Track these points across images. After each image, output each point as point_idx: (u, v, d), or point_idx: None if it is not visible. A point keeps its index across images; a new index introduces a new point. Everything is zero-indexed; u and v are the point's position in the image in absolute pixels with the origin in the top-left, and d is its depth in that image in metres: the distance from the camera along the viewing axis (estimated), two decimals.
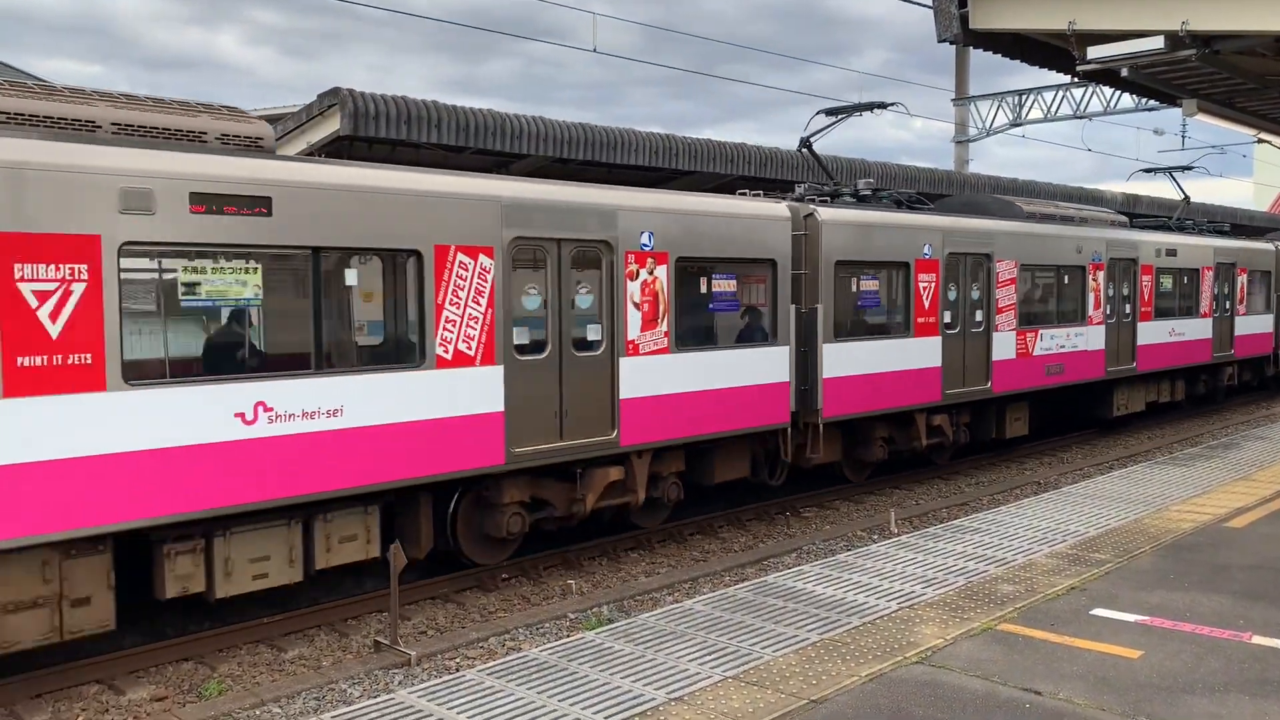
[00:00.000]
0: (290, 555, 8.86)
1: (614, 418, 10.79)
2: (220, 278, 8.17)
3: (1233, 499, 11.16)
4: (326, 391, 8.64)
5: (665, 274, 11.20)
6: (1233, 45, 11.26)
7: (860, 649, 6.64)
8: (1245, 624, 7.08)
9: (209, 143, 8.45)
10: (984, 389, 15.77)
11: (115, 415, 7.53)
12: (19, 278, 7.09)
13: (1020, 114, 28.70)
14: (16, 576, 7.36)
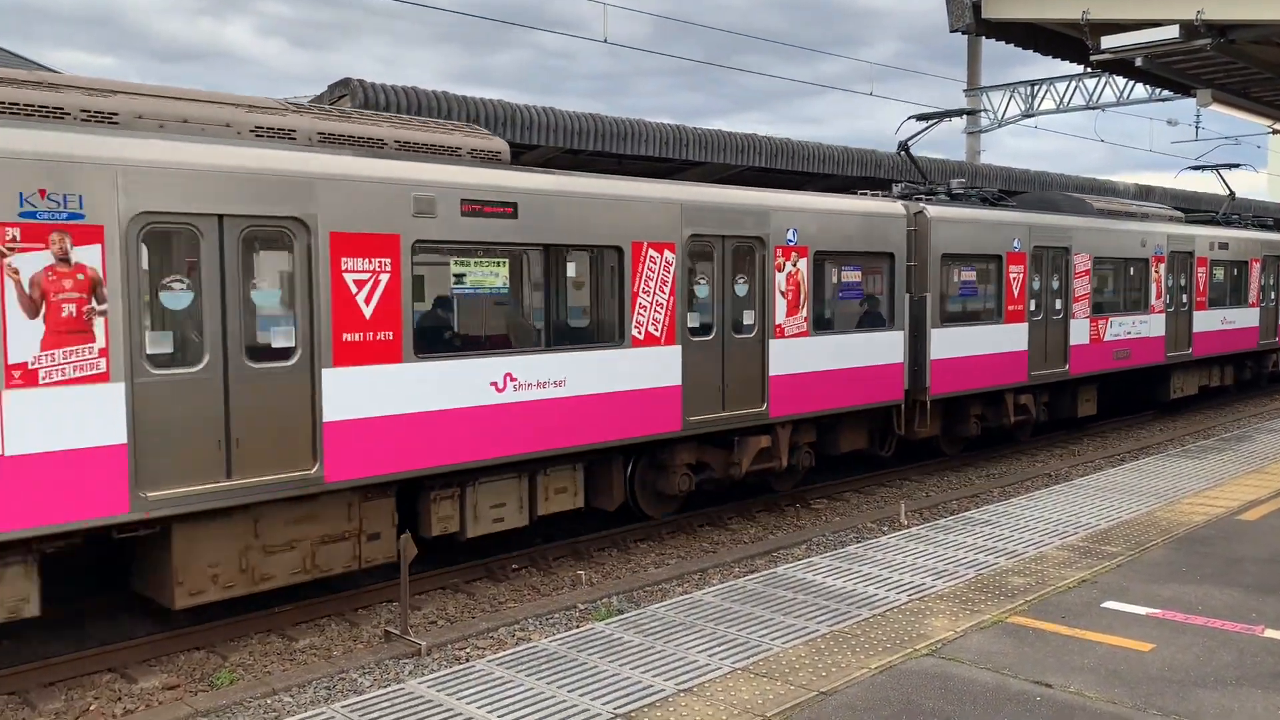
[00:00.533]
0: (520, 503, 10.48)
1: (764, 392, 12.36)
2: (480, 269, 9.98)
3: (1245, 491, 11.11)
4: (555, 365, 10.31)
5: (806, 266, 12.76)
6: (1249, 34, 11.15)
7: (870, 641, 6.63)
8: (1258, 617, 7.04)
9: (463, 156, 10.10)
10: (1062, 371, 17.30)
11: (408, 382, 9.19)
12: (344, 269, 8.71)
13: (1033, 105, 28.56)
14: (330, 515, 9.01)
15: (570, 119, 15.13)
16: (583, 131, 15.21)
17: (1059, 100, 28.14)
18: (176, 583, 8.16)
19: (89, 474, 7.45)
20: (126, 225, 7.56)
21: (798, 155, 18.28)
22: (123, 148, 7.57)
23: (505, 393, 9.89)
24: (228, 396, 8.11)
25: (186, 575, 8.19)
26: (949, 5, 11.95)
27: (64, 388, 7.31)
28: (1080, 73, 26.97)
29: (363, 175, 8.83)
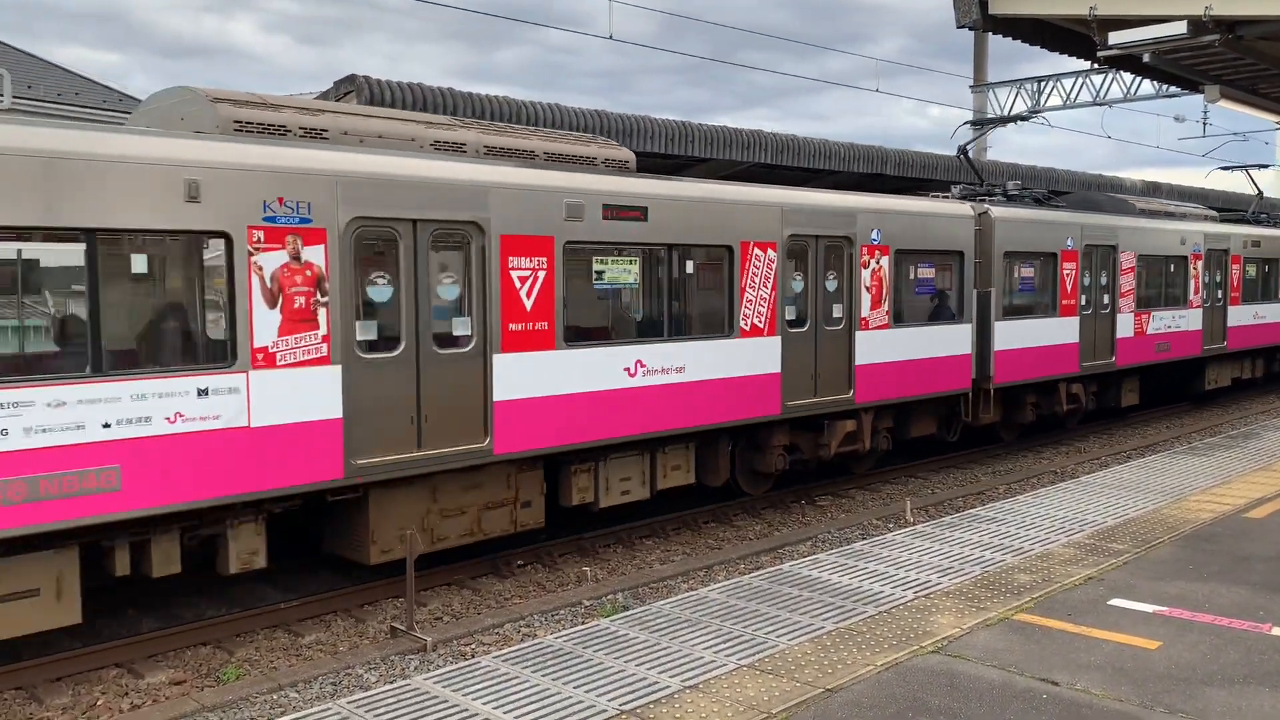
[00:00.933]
0: (643, 479, 11.63)
1: (850, 380, 13.47)
2: (616, 267, 11.04)
3: (1253, 489, 11.07)
4: (676, 353, 11.43)
5: (887, 263, 13.82)
6: (1257, 30, 11.10)
7: (876, 638, 6.62)
8: (1265, 615, 7.02)
9: (598, 166, 11.23)
10: (1109, 363, 18.35)
11: (558, 368, 10.30)
12: (511, 268, 9.87)
13: (1039, 101, 28.46)
14: (492, 484, 10.21)
15: (575, 115, 15.12)
16: (588, 127, 15.19)
17: (1066, 96, 28.02)
18: (371, 541, 9.36)
19: (313, 444, 8.65)
20: (343, 228, 8.73)
21: (804, 151, 18.25)
22: (341, 161, 8.74)
23: (635, 378, 11.04)
24: (419, 378, 9.32)
25: (380, 535, 9.41)
26: (955, 1, 11.91)
27: (295, 369, 8.48)
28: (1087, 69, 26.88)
29: (525, 184, 10.02)
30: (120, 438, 7.60)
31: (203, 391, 8.00)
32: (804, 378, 12.84)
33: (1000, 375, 15.85)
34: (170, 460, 7.85)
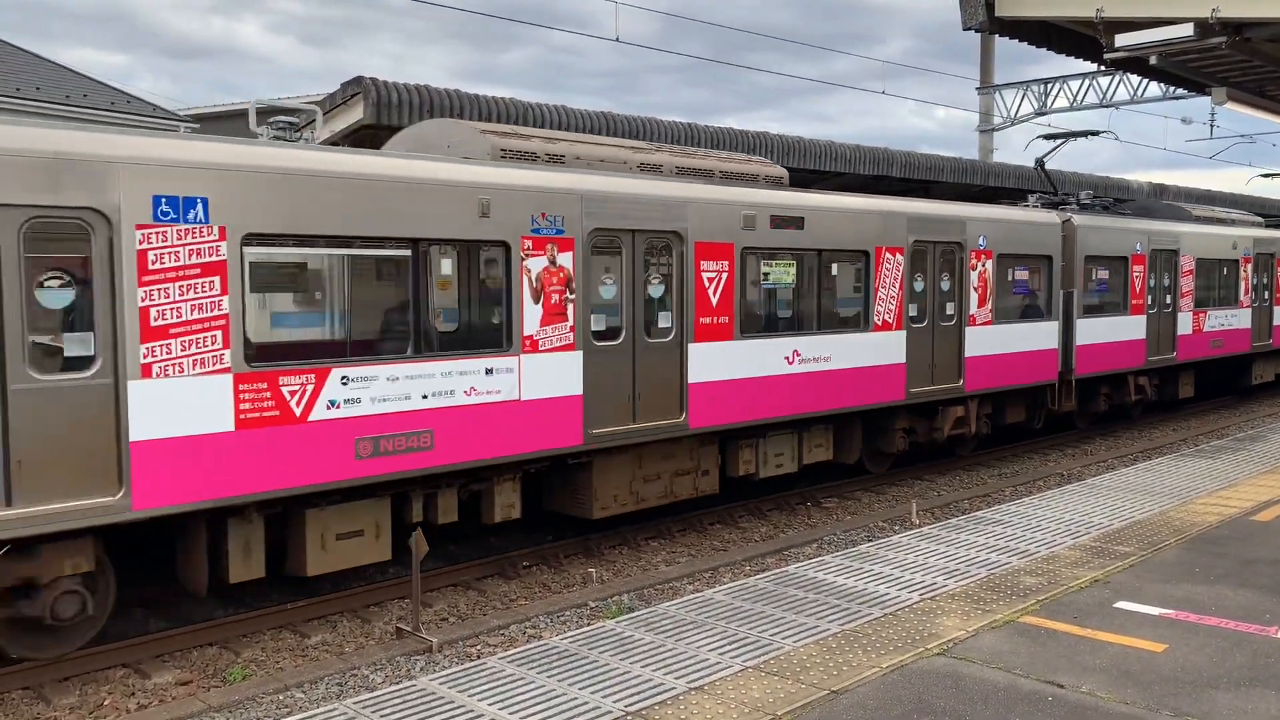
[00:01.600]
0: (793, 454, 13.35)
1: (960, 370, 15.13)
2: (779, 269, 12.65)
3: (1259, 492, 11.05)
4: (824, 344, 13.09)
5: (991, 266, 15.49)
6: (1265, 32, 11.07)
7: (881, 640, 6.62)
8: (1272, 618, 7.01)
9: (760, 181, 12.88)
10: (1170, 357, 19.99)
11: (735, 356, 11.98)
12: (703, 270, 11.59)
13: (1046, 103, 28.43)
14: (681, 454, 11.95)
15: (580, 116, 15.14)
16: (594, 129, 15.21)
17: (1072, 98, 28.01)
18: (595, 499, 11.09)
19: (563, 415, 10.42)
20: (585, 237, 10.47)
21: (809, 153, 18.25)
22: (584, 182, 10.52)
23: (793, 365, 12.72)
24: (635, 363, 11.04)
25: (600, 495, 11.19)
26: (962, 3, 11.90)
27: (552, 354, 10.29)
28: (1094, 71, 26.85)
29: (713, 199, 11.73)
30: (433, 407, 9.45)
31: (489, 371, 9.86)
32: (923, 368, 14.54)
33: (1080, 367, 17.53)
34: (467, 425, 9.68)
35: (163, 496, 7.89)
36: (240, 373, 8.24)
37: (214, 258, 8.11)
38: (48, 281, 7.39)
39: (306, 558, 9.01)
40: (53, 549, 7.64)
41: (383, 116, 13.13)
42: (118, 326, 7.63)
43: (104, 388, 7.59)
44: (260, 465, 8.39)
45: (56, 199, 7.33)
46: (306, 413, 8.64)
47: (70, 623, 7.86)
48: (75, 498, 7.42)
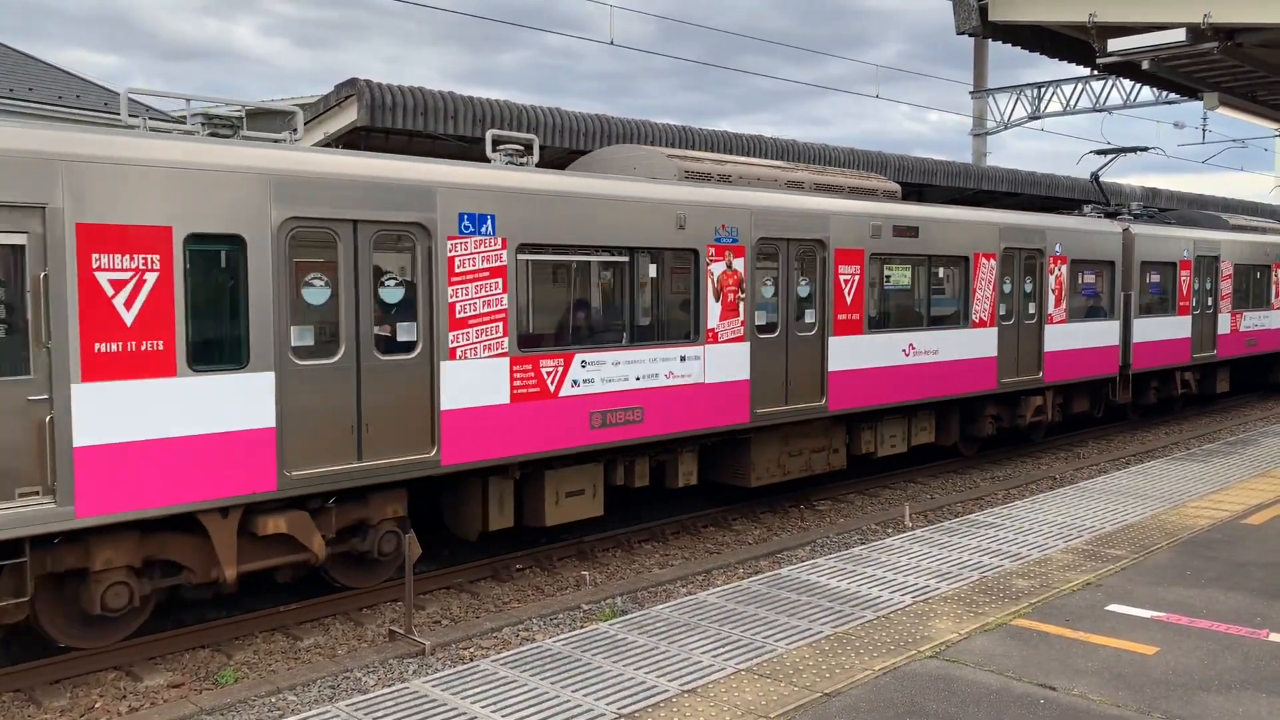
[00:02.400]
0: (903, 436, 15.01)
1: (1040, 363, 16.89)
2: (898, 272, 14.42)
3: (1251, 495, 11.08)
4: (933, 339, 14.79)
5: (1065, 271, 17.29)
6: (1256, 38, 11.13)
7: (874, 643, 6.63)
8: (1263, 621, 7.03)
9: (878, 195, 14.48)
10: (1212, 355, 21.87)
11: (863, 348, 13.71)
12: (840, 273, 13.27)
13: (1039, 107, 28.50)
14: (817, 433, 13.65)
15: (576, 119, 15.14)
16: (589, 132, 15.22)
17: (1065, 102, 28.08)
18: (753, 471, 12.83)
19: (735, 397, 12.14)
20: (754, 245, 12.21)
21: (803, 156, 18.28)
22: (753, 199, 12.30)
23: (909, 357, 14.43)
24: (788, 353, 12.77)
25: (757, 467, 12.84)
26: (955, 7, 11.94)
27: (728, 344, 12.00)
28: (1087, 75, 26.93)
29: (849, 211, 13.42)
30: (643, 387, 11.22)
31: (682, 358, 11.58)
32: (1011, 361, 16.31)
33: (1137, 363, 19.39)
34: (666, 403, 11.43)
35: (462, 455, 9.74)
36: (514, 356, 10.12)
37: (498, 263, 9.98)
38: (386, 280, 9.24)
39: (545, 510, 10.77)
40: (379, 496, 9.46)
41: (377, 119, 13.12)
42: (434, 317, 9.46)
43: (423, 367, 9.42)
44: (526, 431, 10.26)
45: (396, 215, 9.16)
46: (557, 390, 10.50)
47: (388, 557, 9.68)
48: (401, 454, 9.23)
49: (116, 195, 7.66)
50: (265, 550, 8.78)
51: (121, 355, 7.73)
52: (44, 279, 7.34)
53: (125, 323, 7.74)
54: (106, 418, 7.61)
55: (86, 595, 7.95)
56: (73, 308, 7.45)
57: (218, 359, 8.25)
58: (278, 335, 8.45)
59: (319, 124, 13.97)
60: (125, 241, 7.71)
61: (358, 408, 8.92)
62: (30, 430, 7.32)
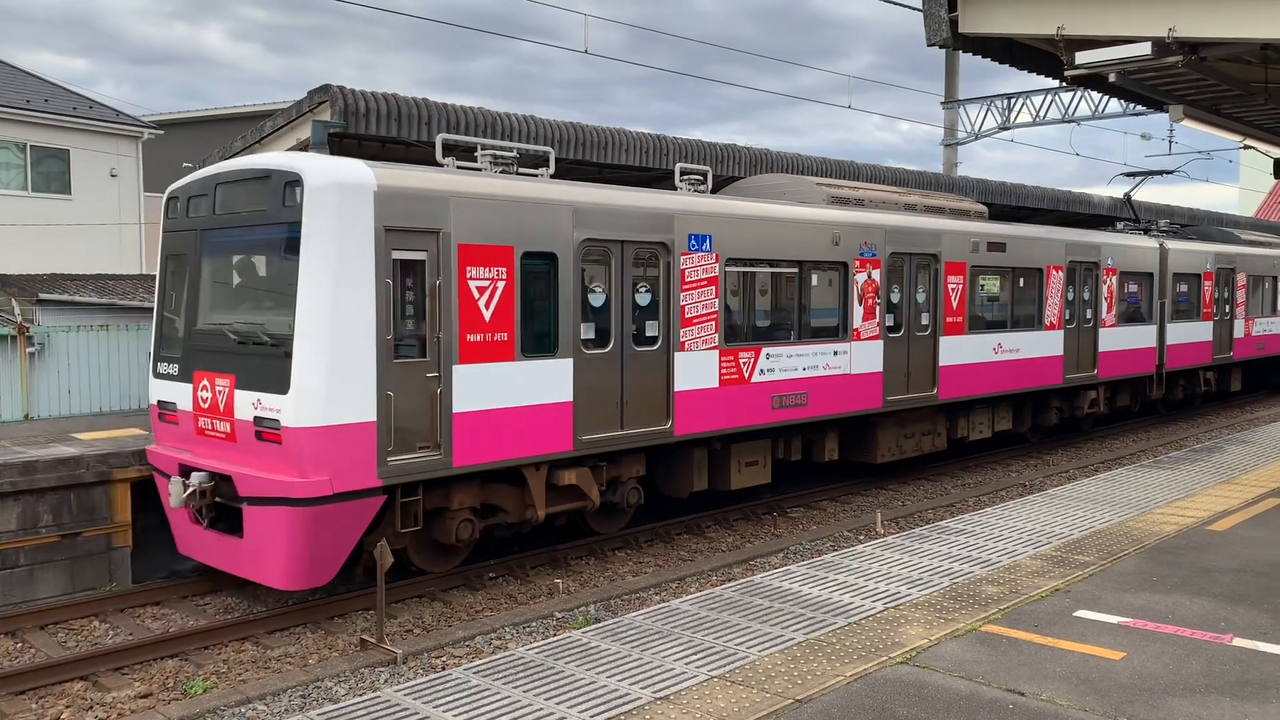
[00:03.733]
0: (989, 424, 17.68)
1: (1095, 362, 19.62)
2: (990, 281, 17.06)
3: (1216, 502, 11.24)
4: (1015, 340, 17.49)
5: (1115, 281, 20.07)
6: (1219, 52, 11.31)
7: (845, 649, 6.67)
8: (1227, 626, 7.13)
9: (970, 215, 17.20)
10: (1229, 356, 24.75)
11: (963, 346, 16.28)
12: (949, 282, 15.97)
13: (1009, 117, 28.79)
14: (924, 419, 16.12)
15: (550, 127, 15.15)
16: (563, 140, 15.23)
17: (1035, 113, 28.39)
18: (878, 449, 15.24)
19: (871, 386, 14.67)
20: (887, 259, 14.71)
21: (777, 165, 18.38)
22: (884, 219, 14.89)
23: (998, 355, 17.00)
24: (909, 350, 15.29)
25: (881, 446, 15.30)
26: (926, 19, 12.06)
27: (867, 341, 14.49)
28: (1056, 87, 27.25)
29: (957, 230, 16.16)
30: (807, 376, 13.62)
31: (835, 353, 14.03)
32: (1073, 360, 18.89)
33: (1170, 363, 22.06)
34: (824, 390, 13.87)
35: (687, 427, 12.08)
36: (722, 349, 12.50)
37: (713, 273, 12.40)
38: (639, 288, 11.61)
39: (730, 477, 13.05)
40: (629, 458, 11.90)
41: (350, 125, 13.08)
42: (670, 317, 11.83)
43: (662, 356, 11.82)
44: (729, 410, 12.58)
45: (649, 237, 11.64)
46: (750, 376, 12.85)
47: (630, 508, 12.20)
48: (646, 426, 11.60)
49: (481, 222, 10.01)
50: (559, 498, 11.14)
51: (482, 344, 10.05)
52: (438, 286, 9.65)
53: (485, 319, 10.05)
54: (472, 391, 9.93)
55: (443, 529, 10.30)
56: (454, 307, 9.76)
57: (538, 348, 10.60)
58: (574, 330, 10.85)
59: (291, 130, 13.90)
60: (486, 257, 10.07)
61: (621, 388, 11.37)
62: (426, 400, 9.59)
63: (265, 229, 9.52)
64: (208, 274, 10.25)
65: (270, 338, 9.23)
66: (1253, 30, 10.32)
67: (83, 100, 25.71)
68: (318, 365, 8.85)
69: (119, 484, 10.95)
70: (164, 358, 10.55)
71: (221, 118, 33.98)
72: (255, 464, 9.23)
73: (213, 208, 10.18)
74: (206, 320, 10.12)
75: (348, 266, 9.02)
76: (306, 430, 8.82)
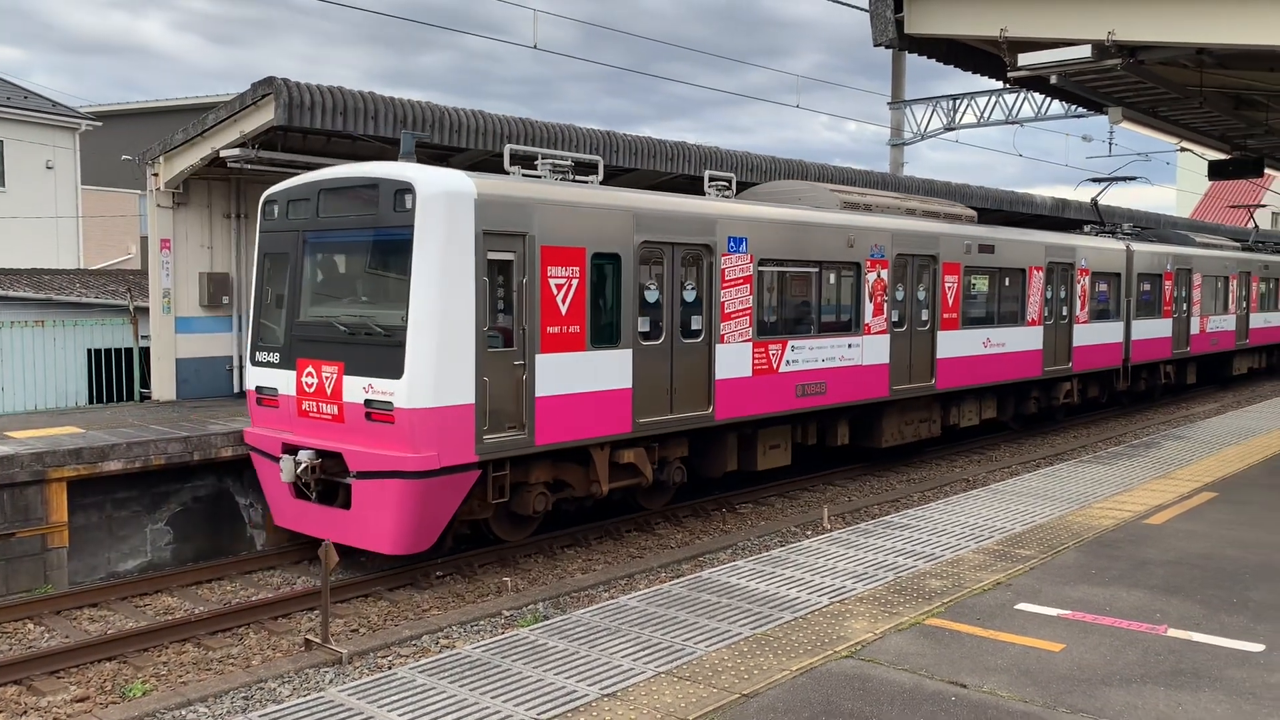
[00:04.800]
0: (977, 413, 18.83)
1: (1070, 355, 21.07)
2: (980, 281, 18.25)
3: (1152, 496, 11.50)
4: (1002, 335, 18.69)
5: (1088, 281, 21.57)
6: (1156, 55, 11.57)
7: (791, 643, 6.72)
8: (1162, 617, 7.30)
9: (961, 220, 18.35)
10: (1186, 351, 26.20)
11: (955, 340, 17.52)
12: (944, 281, 17.01)
13: (954, 118, 29.19)
14: (922, 408, 17.27)
15: (500, 122, 15.07)
16: (513, 135, 15.15)
17: (979, 115, 28.80)
18: (883, 435, 16.32)
19: (880, 377, 15.80)
20: (893, 260, 15.96)
21: (726, 163, 18.45)
22: (892, 224, 16.07)
23: (987, 348, 18.28)
24: (911, 343, 16.53)
25: (885, 432, 16.39)
26: (873, 20, 12.18)
27: (875, 335, 15.68)
28: (1000, 88, 27.67)
29: (951, 233, 17.32)
30: (826, 367, 14.78)
31: (850, 345, 15.19)
32: (1051, 353, 20.26)
33: (1135, 357, 23.57)
34: (840, 379, 15.05)
35: (726, 412, 13.16)
36: (755, 341, 13.60)
37: (748, 272, 13.47)
38: (686, 285, 12.67)
39: (758, 459, 14.14)
40: (675, 441, 13.01)
41: (295, 118, 12.90)
42: (711, 313, 12.92)
43: (705, 348, 12.89)
44: (760, 397, 13.69)
45: (695, 239, 12.66)
46: (778, 366, 13.98)
47: (672, 485, 13.27)
48: (691, 411, 12.71)
49: (560, 226, 11.03)
50: (619, 475, 12.24)
51: (559, 336, 11.09)
52: (524, 283, 10.68)
53: (561, 313, 11.08)
54: (551, 378, 10.97)
55: (521, 501, 11.25)
56: (537, 303, 10.79)
57: (604, 339, 11.66)
58: (633, 324, 11.94)
59: (234, 123, 13.68)
60: (563, 258, 11.08)
61: (670, 376, 12.45)
62: (514, 385, 10.62)
63: (376, 231, 10.51)
64: (310, 271, 11.16)
65: (382, 329, 10.23)
66: (1188, 34, 10.57)
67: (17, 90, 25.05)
68: (429, 353, 9.89)
69: (54, 483, 10.71)
70: (263, 347, 11.42)
71: (163, 110, 33.31)
72: (365, 442, 10.23)
73: (315, 211, 11.06)
74: (310, 313, 11.04)
75: (453, 266, 10.03)
76: (419, 411, 9.86)
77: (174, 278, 15.32)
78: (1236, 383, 32.10)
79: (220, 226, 15.82)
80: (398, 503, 9.92)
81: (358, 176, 10.72)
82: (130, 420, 13.13)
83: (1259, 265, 31.23)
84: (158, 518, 11.86)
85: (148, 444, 11.37)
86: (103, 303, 18.31)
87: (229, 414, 13.60)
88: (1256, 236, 36.84)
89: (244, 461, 12.17)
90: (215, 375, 15.78)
